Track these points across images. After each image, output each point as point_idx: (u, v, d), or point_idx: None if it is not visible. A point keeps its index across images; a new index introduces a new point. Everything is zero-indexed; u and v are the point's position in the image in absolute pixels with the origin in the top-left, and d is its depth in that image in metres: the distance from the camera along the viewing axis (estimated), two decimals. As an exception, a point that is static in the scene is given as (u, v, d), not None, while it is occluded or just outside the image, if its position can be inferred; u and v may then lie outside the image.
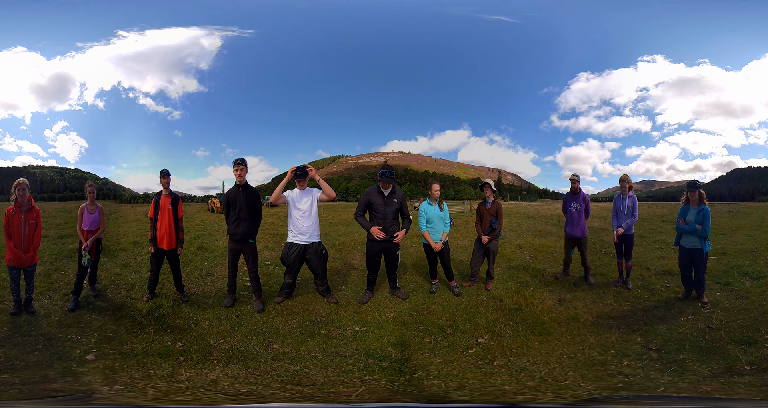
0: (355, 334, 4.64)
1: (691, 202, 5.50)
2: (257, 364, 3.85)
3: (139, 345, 4.20)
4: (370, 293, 5.80)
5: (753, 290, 5.77)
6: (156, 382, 3.45)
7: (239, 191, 5.40)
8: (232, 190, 5.46)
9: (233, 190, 5.45)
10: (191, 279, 6.56)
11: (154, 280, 5.57)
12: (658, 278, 6.54)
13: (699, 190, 5.43)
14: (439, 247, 5.83)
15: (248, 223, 5.41)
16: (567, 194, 6.79)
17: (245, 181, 5.48)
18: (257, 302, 5.37)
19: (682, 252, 5.58)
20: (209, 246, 9.52)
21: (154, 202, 5.55)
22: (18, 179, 4.93)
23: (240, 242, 5.42)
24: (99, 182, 23.60)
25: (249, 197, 5.43)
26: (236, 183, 5.44)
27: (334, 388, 3.42)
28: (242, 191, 5.40)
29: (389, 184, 5.53)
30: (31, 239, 4.94)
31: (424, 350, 4.22)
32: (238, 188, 5.42)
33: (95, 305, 5.24)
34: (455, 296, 5.78)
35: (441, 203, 5.96)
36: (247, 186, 5.50)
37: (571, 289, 6.09)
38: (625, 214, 6.14)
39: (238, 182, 5.42)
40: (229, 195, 5.47)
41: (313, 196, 5.54)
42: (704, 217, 5.32)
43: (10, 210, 4.87)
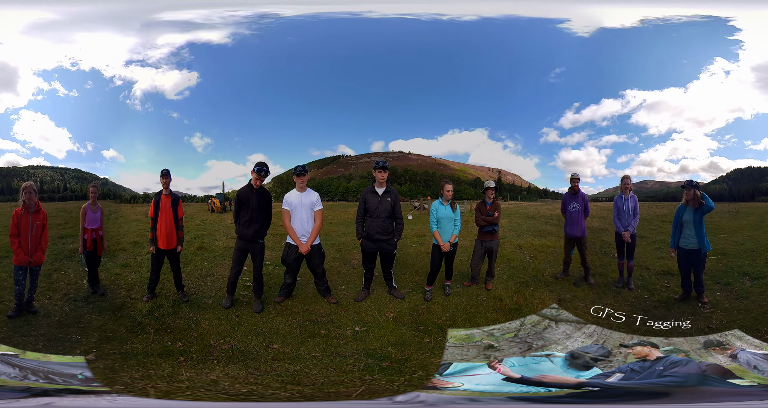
0: (355, 334, 4.64)
1: (688, 202, 5.47)
2: (257, 364, 3.85)
3: (139, 345, 4.20)
4: (366, 291, 5.81)
5: (753, 290, 5.77)
6: (156, 382, 3.46)
7: (252, 192, 5.37)
8: (245, 190, 5.40)
9: (246, 190, 5.39)
10: (191, 279, 6.56)
11: (155, 280, 5.59)
12: (658, 278, 6.53)
13: (695, 189, 5.37)
14: (447, 247, 5.67)
15: (259, 224, 5.40)
16: (566, 194, 6.79)
17: (261, 185, 5.45)
18: (257, 302, 5.37)
19: (680, 253, 5.57)
20: (209, 246, 9.51)
21: (154, 201, 5.57)
22: (25, 183, 5.04)
23: (250, 242, 5.40)
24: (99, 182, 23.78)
25: (262, 199, 5.41)
26: (250, 183, 5.41)
27: (334, 388, 3.42)
28: (256, 193, 5.38)
29: (384, 173, 5.56)
30: (38, 240, 5.05)
31: (424, 350, 4.22)
32: (251, 189, 5.38)
33: (95, 305, 5.24)
34: (446, 295, 5.78)
35: (454, 204, 5.79)
36: (262, 188, 5.47)
37: (571, 289, 6.08)
38: (629, 214, 6.15)
39: (254, 185, 5.38)
40: (241, 195, 5.40)
41: (312, 199, 5.54)
42: (702, 214, 5.30)
43: (18, 212, 4.97)
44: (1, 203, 10.11)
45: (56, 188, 12.37)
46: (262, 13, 9.28)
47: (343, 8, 9.18)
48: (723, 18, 8.47)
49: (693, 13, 8.54)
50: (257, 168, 5.34)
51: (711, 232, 5.43)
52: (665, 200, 14.01)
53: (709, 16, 8.50)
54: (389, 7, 8.99)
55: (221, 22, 9.51)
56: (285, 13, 9.20)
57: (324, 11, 9.17)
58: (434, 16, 9.14)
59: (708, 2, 8.51)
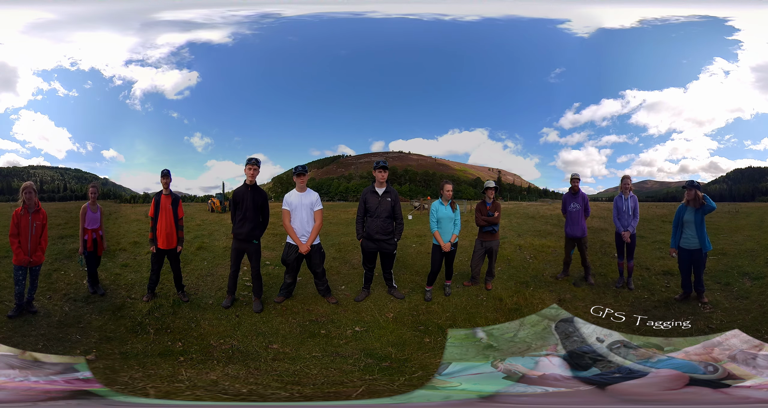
0: (355, 334, 4.64)
1: (689, 202, 5.47)
2: (257, 364, 3.85)
3: (139, 345, 4.20)
4: (366, 291, 5.82)
5: (753, 290, 5.77)
6: (156, 382, 3.46)
7: (248, 191, 5.38)
8: (241, 189, 5.43)
9: (242, 189, 5.42)
10: (191, 279, 6.56)
11: (155, 280, 5.59)
12: (658, 278, 6.53)
13: (696, 189, 5.38)
14: (448, 247, 5.67)
15: (253, 224, 5.40)
16: (566, 194, 6.79)
17: (255, 181, 5.46)
18: (256, 302, 5.37)
19: (681, 253, 5.57)
20: (209, 246, 9.51)
21: (154, 201, 5.58)
22: (25, 183, 5.04)
23: (244, 242, 5.42)
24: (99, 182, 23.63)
25: (256, 198, 5.41)
26: (246, 182, 5.42)
27: (334, 388, 3.42)
28: (251, 191, 5.38)
29: (384, 173, 5.56)
30: (38, 240, 5.05)
31: (423, 350, 4.22)
32: (246, 188, 5.39)
33: (95, 305, 5.24)
34: (446, 295, 5.78)
35: (454, 204, 5.79)
36: (256, 187, 5.48)
37: (571, 289, 6.08)
38: (629, 214, 6.15)
39: (248, 182, 5.40)
40: (236, 194, 5.44)
41: (312, 199, 5.54)
42: (703, 214, 5.30)
43: (18, 212, 4.98)
44: (1, 203, 10.11)
45: (56, 188, 12.34)
46: (263, 13, 9.28)
47: (345, 8, 9.18)
48: (721, 18, 8.48)
49: (691, 13, 8.55)
50: (247, 160, 5.39)
51: (711, 232, 5.43)
52: (665, 200, 14.00)
53: (707, 16, 8.51)
54: (391, 7, 8.98)
55: (222, 21, 9.50)
56: (286, 13, 9.19)
57: (325, 11, 9.17)
58: (436, 17, 9.14)
59: (706, 2, 8.52)
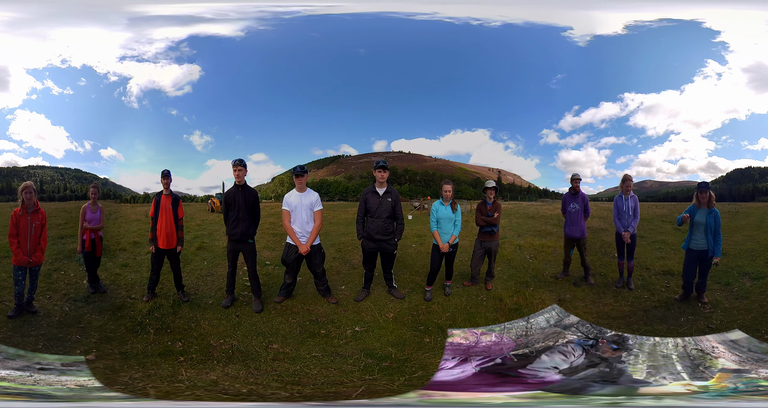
0: (355, 334, 4.64)
1: (701, 204, 5.48)
2: (257, 364, 3.85)
3: (139, 345, 4.20)
4: (366, 291, 5.82)
5: (753, 290, 5.77)
6: (156, 382, 3.46)
7: (238, 191, 5.44)
8: (231, 190, 5.51)
9: (232, 190, 5.49)
10: (191, 279, 6.56)
11: (155, 280, 5.59)
12: (658, 278, 6.53)
13: (709, 191, 5.43)
14: (446, 249, 5.65)
15: (247, 224, 5.43)
16: (566, 194, 6.79)
17: (244, 181, 5.51)
18: (256, 302, 5.37)
19: (689, 254, 5.53)
20: (209, 246, 9.51)
21: (154, 201, 5.60)
22: (24, 182, 5.03)
23: (239, 242, 5.45)
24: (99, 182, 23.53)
25: (248, 197, 5.45)
26: (235, 183, 5.48)
27: (334, 388, 3.42)
28: (241, 191, 5.44)
29: (384, 173, 5.56)
30: (37, 240, 5.04)
31: (423, 350, 4.22)
32: (237, 188, 5.46)
33: (95, 305, 5.24)
34: (445, 295, 5.78)
35: (454, 204, 5.78)
36: (246, 186, 5.53)
37: (571, 289, 6.09)
38: (629, 215, 6.15)
39: (237, 183, 5.46)
40: (228, 195, 5.51)
41: (311, 199, 5.54)
42: (715, 220, 5.31)
43: (17, 212, 4.97)
44: (1, 203, 10.10)
45: (56, 188, 12.33)
46: (268, 11, 9.23)
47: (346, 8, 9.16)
48: (688, 20, 8.49)
49: (659, 16, 8.54)
50: (233, 162, 5.45)
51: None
52: (664, 200, 14.00)
53: (680, 20, 8.50)
54: (394, 6, 8.97)
55: (223, 18, 9.45)
56: (293, 11, 9.13)
57: (328, 11, 9.15)
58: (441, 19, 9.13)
59: (671, 5, 8.49)
